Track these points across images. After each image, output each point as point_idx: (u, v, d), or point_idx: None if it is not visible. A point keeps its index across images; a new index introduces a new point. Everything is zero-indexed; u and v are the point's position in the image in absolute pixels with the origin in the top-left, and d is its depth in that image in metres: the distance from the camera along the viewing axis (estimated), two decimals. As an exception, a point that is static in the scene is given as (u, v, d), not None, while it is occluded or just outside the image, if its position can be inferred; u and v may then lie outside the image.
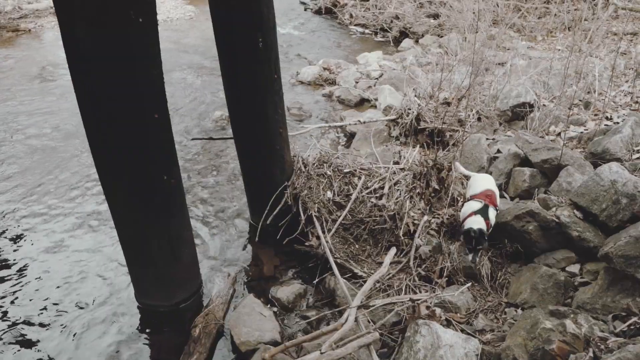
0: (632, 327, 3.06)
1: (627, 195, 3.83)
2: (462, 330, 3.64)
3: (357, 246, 4.64)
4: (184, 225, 4.24)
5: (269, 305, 4.31)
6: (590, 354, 2.80)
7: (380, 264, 4.34)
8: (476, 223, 4.06)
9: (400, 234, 4.49)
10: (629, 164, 4.66)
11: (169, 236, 4.05)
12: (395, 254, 4.48)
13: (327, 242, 4.54)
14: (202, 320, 4.04)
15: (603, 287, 3.55)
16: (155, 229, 3.97)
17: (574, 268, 4.07)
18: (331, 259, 4.35)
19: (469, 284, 4.10)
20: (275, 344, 3.71)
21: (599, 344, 2.89)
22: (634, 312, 3.22)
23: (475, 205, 4.24)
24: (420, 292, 4.07)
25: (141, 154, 3.63)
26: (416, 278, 4.20)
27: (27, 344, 3.98)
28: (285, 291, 4.42)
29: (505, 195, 5.34)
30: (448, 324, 3.71)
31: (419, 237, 4.47)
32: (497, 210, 4.32)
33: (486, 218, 4.12)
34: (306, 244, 4.77)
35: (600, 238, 3.98)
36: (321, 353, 3.15)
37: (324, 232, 4.67)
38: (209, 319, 4.05)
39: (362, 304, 3.75)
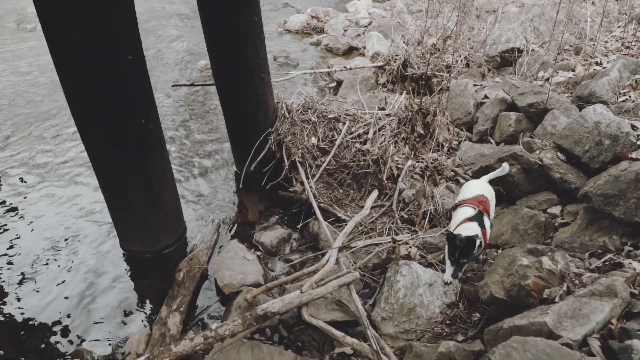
0: (606, 263, 3.09)
1: (610, 136, 3.81)
2: (443, 271, 3.68)
3: (340, 191, 4.64)
4: (165, 171, 4.19)
5: (253, 250, 4.33)
6: (565, 288, 2.84)
7: (363, 207, 4.34)
8: (468, 230, 3.23)
9: (384, 178, 4.48)
10: (614, 107, 4.62)
11: (149, 181, 4.01)
12: (379, 198, 4.49)
13: (311, 187, 4.52)
14: (186, 264, 4.06)
15: (582, 227, 3.58)
16: (134, 174, 3.92)
17: (555, 209, 4.09)
18: (315, 204, 4.35)
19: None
20: (258, 286, 3.73)
21: (573, 279, 2.93)
22: (609, 249, 3.26)
23: (468, 211, 3.49)
24: (403, 234, 4.09)
25: (116, 97, 3.53)
26: (399, 221, 4.22)
27: (11, 294, 3.99)
28: (269, 236, 4.43)
29: (491, 140, 5.32)
30: (429, 265, 3.75)
31: (402, 181, 4.46)
32: (490, 220, 3.61)
33: (482, 227, 3.34)
34: (290, 189, 4.76)
35: (582, 179, 3.99)
36: (302, 292, 3.19)
37: (307, 178, 4.65)
38: (193, 264, 4.07)
39: (343, 245, 3.78)
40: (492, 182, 3.97)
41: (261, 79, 4.89)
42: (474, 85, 6.24)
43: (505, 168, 3.95)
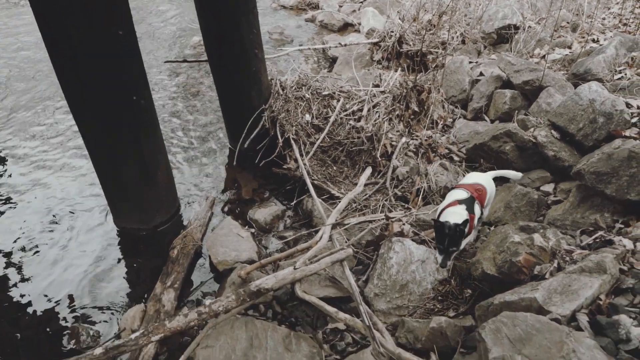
0: (597, 240, 3.12)
1: (604, 114, 3.81)
2: (436, 248, 3.70)
3: (334, 168, 4.63)
4: (158, 148, 4.16)
5: (246, 227, 4.34)
6: (555, 264, 2.87)
7: (357, 184, 4.33)
8: (455, 215, 3.05)
9: (378, 156, 4.47)
10: (610, 84, 4.61)
11: (142, 159, 3.98)
12: (373, 175, 4.49)
13: (304, 164, 4.51)
14: (180, 242, 4.07)
15: (574, 204, 3.61)
16: (127, 152, 3.89)
17: (548, 187, 4.11)
18: (308, 181, 4.34)
19: (444, 203, 4.13)
20: (252, 263, 3.74)
21: (564, 256, 2.95)
22: (601, 226, 3.29)
23: (460, 193, 3.28)
24: (396, 211, 4.10)
25: (107, 73, 3.48)
26: (392, 198, 4.23)
27: (5, 272, 3.99)
28: (263, 213, 4.44)
29: (486, 117, 5.30)
30: (422, 242, 3.77)
31: (396, 158, 4.45)
32: (483, 212, 3.44)
33: (471, 211, 3.15)
34: (284, 167, 4.74)
35: (576, 157, 4.00)
36: (295, 269, 3.20)
37: (301, 155, 4.63)
38: (187, 241, 4.08)
39: (336, 222, 3.78)
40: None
41: (254, 55, 4.83)
42: (470, 62, 6.19)
43: (518, 174, 3.89)
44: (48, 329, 3.47)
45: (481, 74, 5.90)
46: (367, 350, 2.89)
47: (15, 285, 3.84)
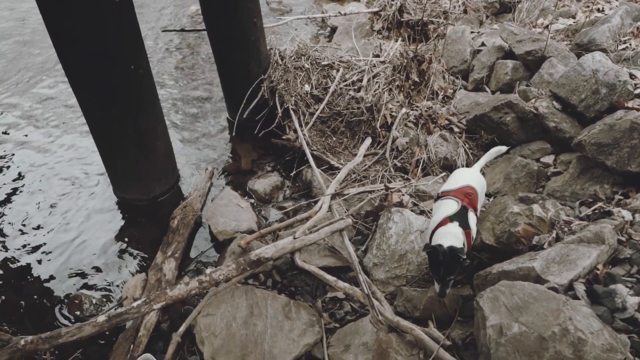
0: (596, 211, 3.13)
1: (607, 84, 3.77)
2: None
3: (334, 139, 4.61)
4: (156, 118, 4.12)
5: (246, 198, 4.34)
6: (554, 235, 2.88)
7: (357, 155, 4.32)
8: (449, 236, 2.62)
9: (378, 126, 4.44)
10: (614, 55, 4.55)
11: (141, 129, 3.95)
12: (372, 146, 4.47)
13: (304, 135, 4.49)
14: (180, 212, 4.08)
15: (574, 176, 3.61)
16: (126, 121, 3.86)
17: (548, 159, 4.10)
18: (308, 152, 4.33)
19: (444, 174, 4.13)
20: (251, 233, 3.76)
21: (563, 226, 2.97)
22: (600, 197, 3.29)
23: (449, 206, 2.82)
24: (395, 182, 4.10)
25: (104, 42, 3.42)
26: (392, 169, 4.22)
27: (9, 241, 4.01)
28: (263, 183, 4.44)
29: (487, 88, 5.25)
30: (421, 212, 3.79)
31: (396, 129, 4.43)
32: (477, 215, 2.95)
33: (465, 227, 2.72)
34: (283, 137, 4.72)
35: (577, 129, 3.97)
36: (295, 238, 3.22)
37: (301, 126, 4.60)
38: (187, 211, 4.09)
39: (336, 192, 3.79)
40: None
41: (253, 24, 4.75)
42: (471, 32, 6.10)
43: (502, 149, 3.47)
44: (51, 297, 3.51)
45: (483, 44, 5.82)
46: (366, 318, 2.94)
47: (17, 254, 3.87)
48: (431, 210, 3.39)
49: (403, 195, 3.72)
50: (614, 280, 2.42)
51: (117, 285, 3.61)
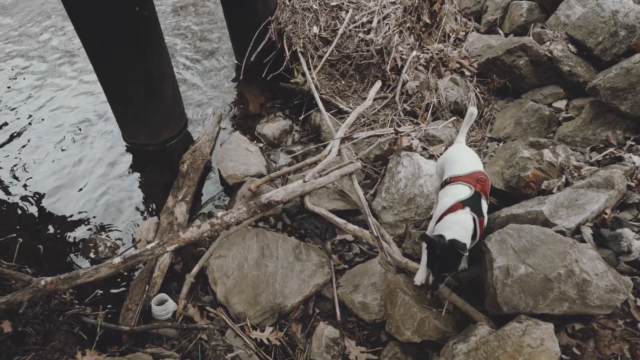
0: (607, 157, 3.12)
1: (627, 27, 3.65)
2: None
3: (343, 82, 4.54)
4: (163, 62, 4.06)
5: (255, 142, 4.34)
6: (563, 180, 2.89)
7: (366, 99, 4.27)
8: (456, 227, 2.29)
9: (387, 69, 4.36)
10: (635, -5, 4.38)
11: (147, 72, 3.91)
12: (382, 89, 4.41)
13: (312, 78, 4.42)
14: (189, 156, 4.09)
15: (586, 121, 3.57)
16: (132, 65, 3.81)
17: (561, 104, 4.05)
18: (317, 95, 4.28)
19: (454, 119, 4.10)
20: (261, 177, 3.79)
21: (573, 171, 2.97)
22: (611, 143, 3.27)
23: (463, 190, 2.47)
24: (405, 126, 4.08)
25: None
26: (401, 113, 4.18)
27: (22, 187, 4.08)
28: (271, 128, 4.42)
29: (500, 31, 5.11)
30: (431, 156, 3.79)
31: (406, 72, 4.35)
32: (487, 203, 2.57)
33: (479, 214, 2.39)
34: (291, 81, 4.65)
35: (592, 73, 3.90)
36: (304, 182, 3.25)
37: (309, 69, 4.53)
38: (196, 155, 4.11)
39: (345, 136, 3.78)
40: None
41: (259, -38, 4.58)
42: (487, -30, 5.85)
43: (474, 112, 2.82)
44: (67, 241, 3.60)
45: (498, -17, 5.60)
46: (375, 260, 3.01)
47: (33, 200, 3.94)
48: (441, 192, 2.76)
49: (412, 139, 3.70)
50: (621, 225, 2.45)
51: (130, 229, 3.69)
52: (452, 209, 2.38)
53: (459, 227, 2.28)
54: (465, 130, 2.90)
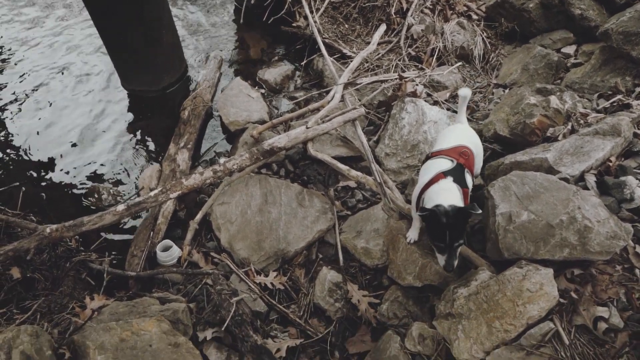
0: (614, 104, 3.07)
1: (642, -34, 3.51)
2: (449, 109, 3.68)
3: (346, 26, 4.41)
4: (161, 7, 3.93)
5: (256, 88, 4.27)
6: (569, 127, 2.86)
7: (370, 43, 4.17)
8: (445, 194, 2.15)
9: (392, 12, 4.22)
10: None
11: (145, 17, 3.79)
12: (386, 34, 4.29)
13: (315, 22, 4.30)
14: (190, 103, 4.04)
15: (595, 67, 3.49)
16: (130, 12, 3.69)
17: (570, 49, 3.95)
18: (319, 39, 4.16)
19: (459, 64, 4.01)
20: (263, 123, 3.75)
21: (579, 119, 2.94)
22: (620, 90, 3.21)
23: (443, 163, 2.33)
24: (409, 71, 4.00)
25: None
26: (406, 58, 4.09)
27: (24, 136, 4.04)
28: (273, 73, 4.34)
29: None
30: (435, 102, 3.73)
31: (411, 15, 4.22)
32: (473, 178, 2.46)
33: (463, 185, 2.25)
34: (293, 24, 4.52)
35: (604, 17, 3.78)
36: (307, 128, 3.22)
37: (311, 12, 4.39)
38: (197, 102, 4.05)
39: (348, 81, 3.71)
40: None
41: None
42: None
43: (467, 94, 2.68)
44: (70, 189, 3.61)
45: None
46: (377, 206, 3.02)
47: (34, 149, 3.92)
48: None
49: (417, 85, 3.64)
50: (625, 172, 2.44)
51: (132, 176, 3.69)
52: (433, 180, 2.24)
53: (447, 193, 2.14)
54: (463, 110, 2.71)
